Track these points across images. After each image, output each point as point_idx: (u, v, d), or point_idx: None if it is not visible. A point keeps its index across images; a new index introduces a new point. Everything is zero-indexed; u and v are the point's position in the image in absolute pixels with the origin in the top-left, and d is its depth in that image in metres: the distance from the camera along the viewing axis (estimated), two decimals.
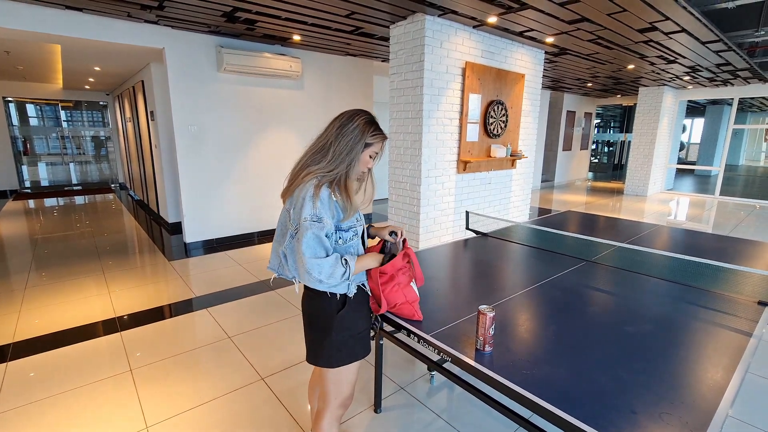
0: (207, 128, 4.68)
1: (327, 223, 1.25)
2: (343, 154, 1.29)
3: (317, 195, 1.24)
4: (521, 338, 1.36)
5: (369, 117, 1.34)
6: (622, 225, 3.15)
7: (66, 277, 3.84)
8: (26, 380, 2.26)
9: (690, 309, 1.61)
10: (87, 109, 9.97)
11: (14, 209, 7.10)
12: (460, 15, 3.63)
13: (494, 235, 2.74)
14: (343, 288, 1.33)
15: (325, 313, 1.34)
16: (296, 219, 1.26)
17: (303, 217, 1.23)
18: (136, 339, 2.73)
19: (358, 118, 1.32)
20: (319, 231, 1.23)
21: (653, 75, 7.18)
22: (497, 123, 4.50)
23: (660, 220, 6.88)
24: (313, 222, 1.23)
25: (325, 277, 1.23)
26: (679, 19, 3.74)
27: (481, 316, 1.24)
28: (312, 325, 1.39)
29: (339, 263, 1.26)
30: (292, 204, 1.29)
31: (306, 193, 1.25)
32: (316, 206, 1.24)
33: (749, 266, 2.05)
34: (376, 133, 1.34)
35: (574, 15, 3.60)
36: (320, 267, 1.22)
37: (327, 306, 1.34)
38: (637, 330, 1.42)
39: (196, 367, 2.41)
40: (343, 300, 1.34)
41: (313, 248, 1.22)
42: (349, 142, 1.30)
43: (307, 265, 1.21)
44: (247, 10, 3.59)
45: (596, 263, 2.17)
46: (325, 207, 1.26)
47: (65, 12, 3.59)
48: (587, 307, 1.62)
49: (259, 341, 2.71)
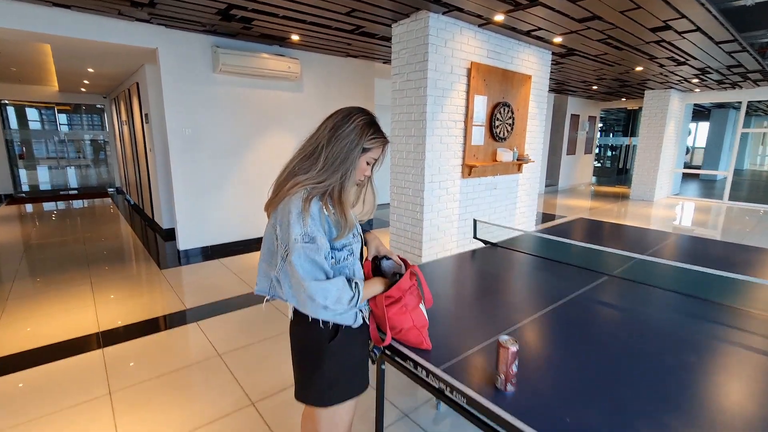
0: (202, 131, 4.51)
1: (322, 243, 1.06)
2: (337, 162, 1.10)
3: (307, 210, 1.05)
4: (545, 373, 1.17)
5: (368, 117, 1.15)
6: (638, 234, 2.95)
7: (51, 287, 3.65)
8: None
9: (741, 336, 1.41)
10: (84, 112, 9.83)
11: (6, 214, 6.93)
12: (466, 12, 3.46)
13: (504, 245, 2.55)
14: (350, 318, 1.14)
15: (314, 343, 1.15)
16: (285, 239, 1.07)
17: (293, 238, 1.04)
18: (119, 357, 2.53)
19: (355, 118, 1.13)
20: (313, 253, 1.04)
21: (661, 77, 7.01)
22: (504, 126, 4.32)
23: (670, 226, 6.67)
24: (305, 243, 1.04)
25: (331, 303, 1.06)
26: (695, 17, 3.57)
27: (502, 350, 1.05)
28: (300, 357, 1.20)
29: (347, 287, 1.09)
30: (278, 220, 1.10)
31: (293, 208, 1.06)
32: (307, 224, 1.05)
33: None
34: (375, 136, 1.14)
35: (585, 12, 3.43)
36: (325, 291, 1.04)
37: (317, 334, 1.15)
38: (679, 362, 1.23)
39: (182, 390, 2.21)
40: (335, 327, 1.15)
41: (310, 272, 1.04)
42: (345, 147, 1.10)
43: (309, 290, 1.03)
44: (242, 8, 3.42)
45: (619, 278, 1.97)
46: (317, 224, 1.07)
47: (53, 9, 3.43)
48: (617, 332, 1.43)
49: (251, 359, 2.51)
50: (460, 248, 4.26)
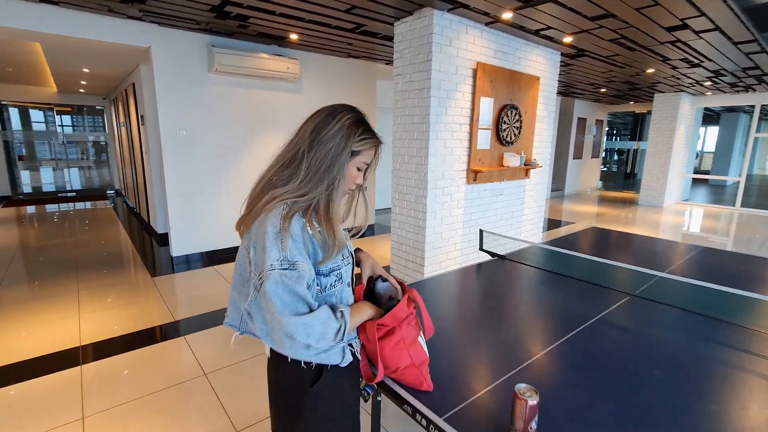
0: (197, 133, 4.35)
1: (304, 269, 0.87)
2: (321, 170, 0.92)
3: (287, 230, 0.87)
4: (567, 426, 0.98)
5: (355, 115, 0.97)
6: (656, 246, 2.75)
7: (36, 295, 3.49)
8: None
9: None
10: (85, 114, 9.73)
11: (1, 217, 6.80)
12: (472, 10, 3.28)
13: (512, 258, 2.36)
14: (336, 355, 0.95)
15: (293, 388, 0.97)
16: (259, 265, 0.88)
17: (268, 263, 0.85)
18: (97, 375, 2.36)
19: (340, 117, 0.94)
20: (293, 282, 0.85)
21: (672, 80, 6.80)
22: (510, 129, 4.13)
23: (684, 234, 6.44)
24: (283, 270, 0.85)
25: (314, 340, 0.86)
26: (716, 15, 3.37)
27: (519, 402, 0.87)
28: (277, 403, 1.01)
29: (332, 318, 0.89)
30: (252, 241, 0.92)
31: (269, 227, 0.87)
32: (286, 246, 0.86)
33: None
34: (365, 137, 0.96)
35: (599, 10, 3.24)
36: (307, 327, 0.85)
37: (296, 377, 0.96)
38: (723, 410, 1.03)
39: (161, 415, 2.03)
40: (319, 368, 0.97)
41: (289, 304, 0.85)
42: (330, 151, 0.92)
43: (287, 327, 0.84)
44: (237, 4, 3.26)
45: (643, 299, 1.78)
46: (299, 246, 0.88)
47: (39, 6, 3.28)
48: (650, 368, 1.23)
49: (238, 380, 2.33)
50: (464, 257, 4.06)
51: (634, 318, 1.59)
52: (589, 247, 2.70)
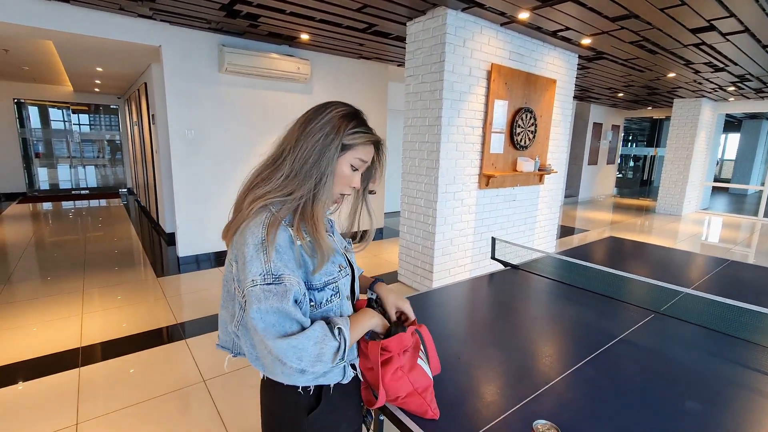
0: (205, 133, 4.32)
1: (291, 283, 0.77)
2: (307, 165, 0.82)
3: (270, 240, 0.77)
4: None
5: (348, 109, 0.88)
6: (680, 258, 2.59)
7: (41, 293, 3.48)
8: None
9: None
10: (101, 112, 9.86)
11: (15, 213, 6.89)
12: (487, 9, 3.18)
13: (526, 269, 2.24)
14: (336, 375, 0.85)
15: (289, 415, 0.87)
16: (242, 281, 0.78)
17: (249, 279, 0.75)
18: (95, 378, 2.30)
19: (330, 109, 0.86)
20: (277, 300, 0.75)
21: (694, 85, 6.57)
22: (525, 133, 4.00)
23: (705, 245, 6.20)
24: (266, 286, 0.75)
25: (309, 364, 0.76)
26: (746, 16, 3.21)
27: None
28: (270, 430, 0.92)
29: (328, 335, 0.78)
30: (234, 254, 0.82)
31: (249, 237, 0.78)
32: (270, 258, 0.76)
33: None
34: (357, 130, 0.86)
35: (620, 10, 3.11)
36: (299, 351, 0.75)
37: (292, 403, 0.87)
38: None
39: (155, 423, 1.95)
40: (317, 394, 0.87)
41: (275, 326, 0.75)
42: (317, 143, 0.82)
43: (276, 351, 0.74)
44: (247, 3, 3.21)
45: (668, 317, 1.64)
46: (284, 257, 0.78)
47: (51, 3, 3.28)
48: (683, 396, 1.11)
49: (237, 388, 2.25)
50: (474, 264, 3.94)
51: (661, 338, 1.46)
52: (607, 257, 2.56)
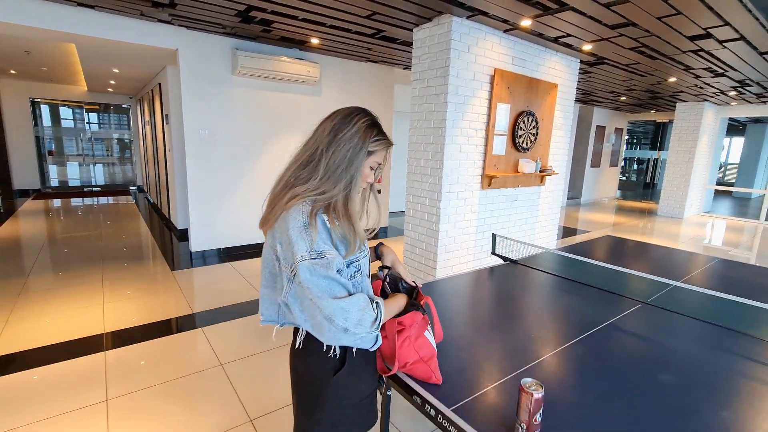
0: (218, 133, 4.49)
1: (332, 256, 0.94)
2: (339, 170, 0.98)
3: (311, 224, 0.94)
4: (573, 423, 1.01)
5: (370, 118, 1.04)
6: (671, 256, 2.73)
7: (64, 284, 3.66)
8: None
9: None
10: (112, 112, 10.09)
11: (31, 209, 7.11)
12: (491, 17, 3.32)
13: (525, 263, 2.38)
14: (370, 341, 0.98)
15: (317, 376, 1.02)
16: (288, 259, 0.95)
17: (298, 255, 0.92)
18: (120, 361, 2.47)
19: (357, 120, 1.01)
20: (324, 269, 0.92)
21: (695, 89, 6.68)
22: (527, 136, 4.14)
23: (704, 246, 6.30)
24: (313, 260, 0.92)
25: (352, 324, 0.92)
26: (740, 25, 3.33)
27: (525, 395, 0.91)
28: (300, 391, 1.07)
29: (369, 307, 0.95)
30: (277, 239, 0.98)
31: (293, 222, 0.94)
32: (312, 239, 0.93)
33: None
34: (379, 138, 1.03)
35: (619, 18, 3.24)
36: (346, 311, 0.91)
37: (320, 366, 1.02)
38: (734, 416, 1.05)
39: (179, 401, 2.12)
40: (342, 357, 1.02)
41: (326, 289, 0.92)
42: (348, 152, 0.98)
43: (327, 310, 0.90)
44: (262, 9, 3.38)
45: (654, 306, 1.78)
46: (324, 236, 0.95)
47: (77, 9, 3.47)
48: (658, 372, 1.25)
49: (254, 371, 2.40)
50: (476, 261, 4.08)
51: (644, 325, 1.60)
52: (602, 254, 2.69)
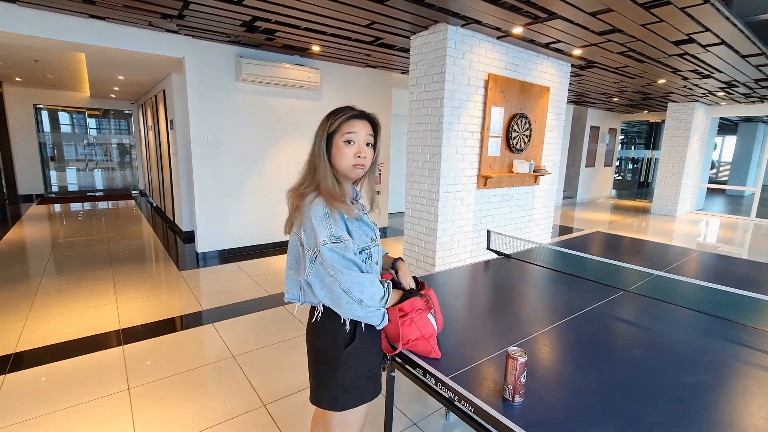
0: (223, 137, 4.65)
1: (348, 240, 1.12)
2: (317, 158, 1.16)
3: (327, 214, 1.11)
4: (555, 385, 1.17)
5: (335, 109, 1.20)
6: (655, 249, 2.89)
7: (77, 284, 3.80)
8: (20, 396, 2.17)
9: (752, 355, 1.38)
10: (113, 117, 10.23)
11: (36, 213, 7.24)
12: (484, 25, 3.50)
13: (518, 257, 2.54)
14: (378, 317, 1.14)
15: (331, 348, 1.18)
16: (311, 243, 1.11)
17: (320, 240, 1.09)
18: (137, 354, 2.62)
19: (324, 116, 1.19)
20: (343, 251, 1.09)
21: (684, 90, 6.88)
22: (520, 137, 4.31)
23: (693, 242, 6.48)
24: (333, 244, 1.09)
25: (367, 297, 1.09)
26: (720, 31, 3.52)
27: (511, 360, 1.06)
28: (316, 361, 1.23)
29: (380, 285, 1.14)
30: (301, 228, 1.15)
31: (314, 212, 1.11)
32: (330, 226, 1.10)
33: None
34: (335, 117, 1.16)
35: (605, 26, 3.42)
36: (362, 285, 1.09)
37: (334, 339, 1.18)
38: (695, 380, 1.21)
39: (196, 389, 2.27)
40: (353, 333, 1.18)
41: (346, 266, 1.09)
42: (315, 143, 1.17)
43: (345, 283, 1.07)
44: (266, 20, 3.54)
45: (634, 293, 1.94)
46: (340, 224, 1.12)
47: (89, 21, 3.62)
48: (631, 347, 1.41)
49: (264, 362, 2.56)
50: (473, 258, 4.24)
51: (623, 309, 1.76)
52: (591, 248, 2.86)
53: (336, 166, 1.17)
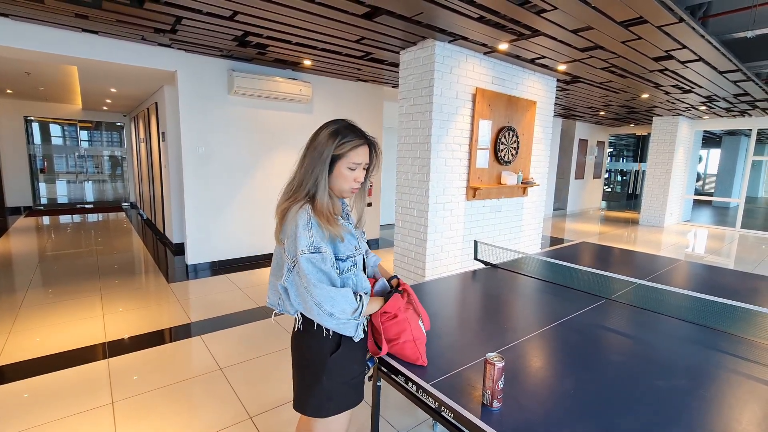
0: (215, 150, 4.68)
1: (327, 252, 1.13)
2: (309, 172, 1.17)
3: (308, 222, 1.13)
4: (535, 391, 1.19)
5: (336, 126, 1.19)
6: (640, 259, 2.95)
7: (63, 297, 3.75)
8: (1, 410, 2.12)
9: (727, 360, 1.42)
10: (105, 129, 10.21)
11: (24, 226, 7.15)
12: (471, 41, 3.60)
13: (504, 267, 2.58)
14: (351, 329, 1.17)
15: (316, 355, 1.20)
16: (292, 251, 1.14)
17: (300, 249, 1.11)
18: (123, 367, 2.58)
19: (321, 131, 1.19)
20: (320, 263, 1.11)
21: (668, 104, 7.07)
22: (508, 149, 4.40)
23: (679, 253, 6.59)
24: (311, 254, 1.11)
25: (337, 311, 1.11)
26: (697, 48, 3.66)
27: (489, 366, 1.08)
28: (301, 368, 1.24)
29: (352, 298, 1.14)
30: (285, 235, 1.17)
31: (299, 220, 1.13)
32: (311, 236, 1.12)
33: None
34: (343, 141, 1.17)
35: (587, 42, 3.54)
36: (333, 299, 1.10)
37: (319, 347, 1.19)
38: (671, 385, 1.24)
39: (181, 402, 2.24)
40: (337, 340, 1.20)
41: (320, 279, 1.11)
42: (315, 157, 1.17)
43: (317, 297, 1.09)
44: (258, 35, 3.61)
45: (616, 302, 1.98)
46: (321, 234, 1.14)
47: (82, 35, 3.66)
48: (610, 354, 1.44)
49: (251, 374, 2.54)
50: (463, 269, 4.26)
51: (603, 317, 1.80)
52: (577, 259, 2.90)
53: (332, 185, 1.21)
